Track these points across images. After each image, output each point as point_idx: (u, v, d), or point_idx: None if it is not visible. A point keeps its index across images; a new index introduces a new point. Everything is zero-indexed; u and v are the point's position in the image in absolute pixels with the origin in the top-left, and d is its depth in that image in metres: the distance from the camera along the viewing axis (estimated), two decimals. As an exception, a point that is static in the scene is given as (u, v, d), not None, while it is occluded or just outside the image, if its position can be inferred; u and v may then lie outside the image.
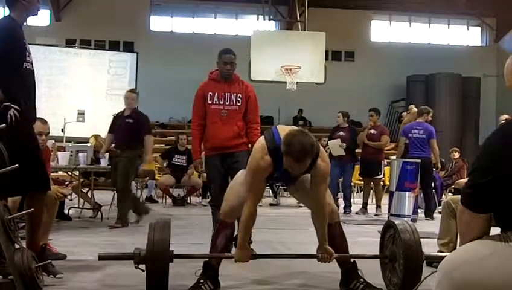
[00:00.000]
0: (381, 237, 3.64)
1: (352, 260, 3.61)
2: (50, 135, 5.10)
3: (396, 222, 3.51)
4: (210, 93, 4.87)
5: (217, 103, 4.85)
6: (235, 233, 3.70)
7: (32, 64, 3.65)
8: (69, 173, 7.46)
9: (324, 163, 3.33)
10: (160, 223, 3.27)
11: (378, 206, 8.82)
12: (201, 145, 5.03)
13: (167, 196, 10.02)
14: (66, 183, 7.80)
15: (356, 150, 9.75)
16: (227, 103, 4.86)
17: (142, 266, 3.18)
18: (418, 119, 8.50)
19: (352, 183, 11.78)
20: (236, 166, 4.46)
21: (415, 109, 9.05)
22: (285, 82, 10.84)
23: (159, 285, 3.15)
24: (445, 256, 1.96)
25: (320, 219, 3.42)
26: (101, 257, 3.35)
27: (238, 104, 4.88)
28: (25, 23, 3.71)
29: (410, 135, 8.31)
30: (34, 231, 3.64)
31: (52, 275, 3.63)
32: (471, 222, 1.93)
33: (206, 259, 3.54)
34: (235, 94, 4.89)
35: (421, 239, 3.41)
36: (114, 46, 17.30)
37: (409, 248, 3.29)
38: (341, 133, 8.97)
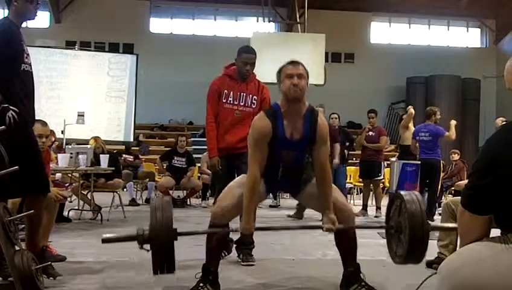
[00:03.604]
0: (388, 208, 3.55)
1: (355, 263, 3.55)
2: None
3: (402, 193, 3.46)
4: (226, 91, 4.65)
5: (231, 102, 4.65)
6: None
7: (30, 65, 3.62)
8: (69, 174, 7.46)
9: (323, 122, 3.46)
10: (161, 202, 3.25)
11: (378, 208, 8.81)
12: (217, 141, 4.70)
13: (167, 198, 10.00)
14: (66, 185, 7.79)
15: (355, 152, 9.77)
16: (242, 104, 4.66)
17: (147, 247, 3.15)
18: (426, 121, 8.47)
19: (352, 185, 11.83)
20: (244, 167, 4.43)
21: (412, 110, 9.05)
22: (285, 84, 10.82)
23: (166, 261, 3.12)
24: (449, 227, 1.95)
25: (324, 184, 3.38)
26: (104, 240, 3.29)
27: (253, 106, 4.68)
28: (24, 25, 3.68)
29: (418, 137, 8.31)
30: (33, 233, 3.64)
31: (52, 277, 3.63)
32: (471, 224, 1.94)
33: (205, 263, 3.50)
34: (250, 96, 4.68)
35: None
36: (114, 48, 17.32)
37: (414, 217, 3.22)
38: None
